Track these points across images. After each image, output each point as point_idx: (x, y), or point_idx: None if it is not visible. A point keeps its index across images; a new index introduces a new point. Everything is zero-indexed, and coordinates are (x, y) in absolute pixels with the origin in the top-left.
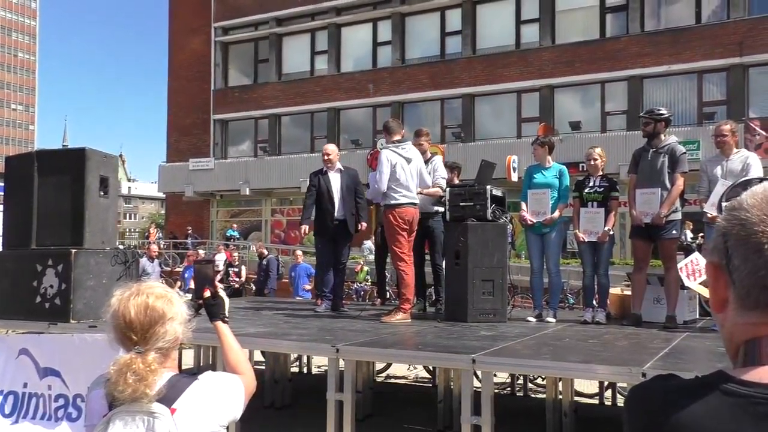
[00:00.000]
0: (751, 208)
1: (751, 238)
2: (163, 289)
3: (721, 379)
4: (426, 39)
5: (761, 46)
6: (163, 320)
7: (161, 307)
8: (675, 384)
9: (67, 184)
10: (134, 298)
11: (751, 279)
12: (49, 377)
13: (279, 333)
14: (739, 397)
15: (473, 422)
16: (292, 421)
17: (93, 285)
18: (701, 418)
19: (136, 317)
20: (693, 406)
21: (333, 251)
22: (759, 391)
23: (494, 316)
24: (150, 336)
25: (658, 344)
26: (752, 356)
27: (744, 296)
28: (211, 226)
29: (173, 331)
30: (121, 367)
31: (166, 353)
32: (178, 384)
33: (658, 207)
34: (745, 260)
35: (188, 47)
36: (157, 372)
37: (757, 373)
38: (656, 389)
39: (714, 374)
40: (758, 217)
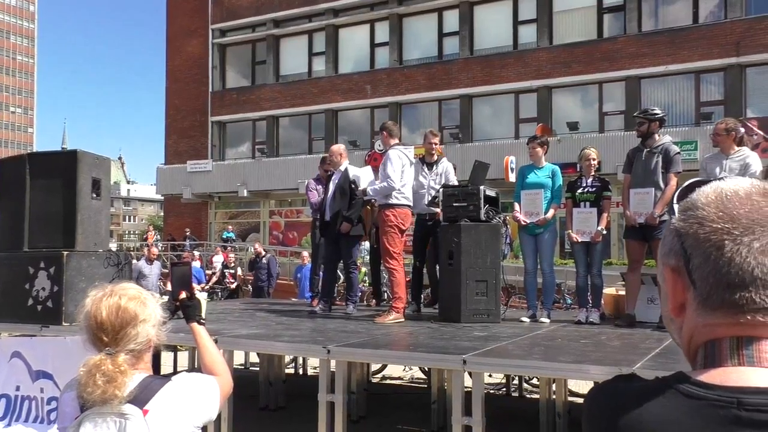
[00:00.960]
0: (707, 207)
1: (711, 236)
2: (137, 291)
3: (681, 381)
4: (423, 40)
5: (759, 46)
6: (134, 322)
7: (133, 308)
8: (635, 385)
9: (59, 187)
10: (107, 299)
11: (714, 278)
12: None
13: (271, 334)
14: (699, 399)
15: (464, 423)
16: (285, 423)
17: (85, 287)
18: (660, 420)
19: (107, 318)
20: (652, 408)
21: (337, 253)
22: (719, 393)
23: (488, 317)
24: (121, 338)
25: (650, 344)
26: (712, 358)
27: (705, 297)
28: (209, 228)
29: (145, 333)
30: (90, 368)
31: (138, 355)
32: (150, 385)
33: (652, 207)
34: (706, 259)
35: (186, 50)
36: (127, 373)
37: (717, 375)
38: (616, 390)
39: (674, 375)
40: (716, 215)
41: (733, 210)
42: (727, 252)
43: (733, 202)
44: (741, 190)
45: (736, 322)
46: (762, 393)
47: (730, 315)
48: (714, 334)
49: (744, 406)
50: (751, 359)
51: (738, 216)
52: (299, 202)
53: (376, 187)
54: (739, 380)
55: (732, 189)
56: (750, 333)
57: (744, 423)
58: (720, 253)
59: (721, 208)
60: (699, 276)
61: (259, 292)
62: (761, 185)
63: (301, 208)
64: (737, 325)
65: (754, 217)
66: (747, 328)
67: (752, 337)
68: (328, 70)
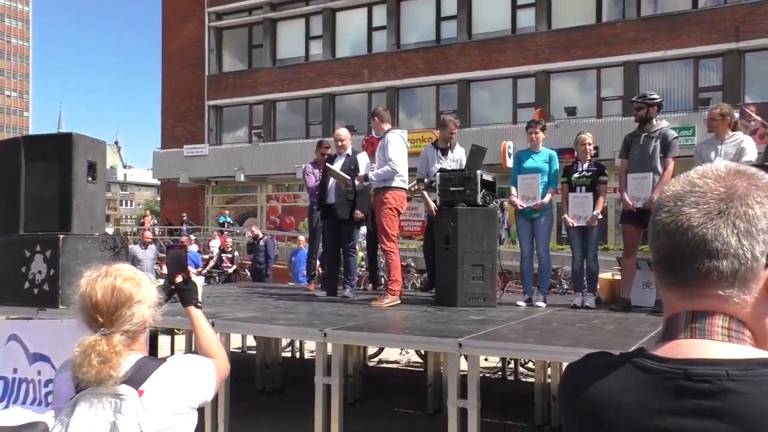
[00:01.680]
0: (671, 185)
1: (656, 208)
2: (132, 272)
3: (638, 355)
4: (421, 24)
5: (757, 32)
6: (130, 303)
7: (128, 289)
8: (598, 362)
9: (54, 170)
10: (101, 279)
11: (653, 248)
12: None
13: (268, 318)
14: (651, 372)
15: (460, 405)
16: (281, 406)
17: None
18: (616, 392)
19: (102, 299)
20: (610, 382)
21: (338, 237)
22: (669, 365)
23: (484, 301)
24: (116, 318)
25: (644, 328)
26: (669, 332)
27: (653, 270)
28: (206, 212)
29: (140, 313)
30: (85, 348)
31: (133, 336)
32: (146, 366)
33: (649, 191)
34: (654, 234)
35: (182, 33)
36: (121, 354)
37: (670, 348)
38: (582, 367)
39: (634, 351)
40: (667, 197)
41: (683, 183)
42: (658, 230)
43: (691, 176)
44: (703, 168)
45: (687, 294)
46: (708, 364)
47: (677, 284)
48: (673, 309)
49: (690, 377)
50: (702, 332)
51: (686, 187)
52: (296, 186)
53: (379, 171)
54: (689, 352)
55: (698, 168)
56: (704, 307)
57: (689, 393)
58: (654, 232)
59: (674, 189)
60: (651, 246)
61: (257, 275)
62: (726, 165)
63: (299, 193)
64: (689, 297)
65: (701, 186)
66: (700, 302)
67: (705, 311)
68: (325, 54)
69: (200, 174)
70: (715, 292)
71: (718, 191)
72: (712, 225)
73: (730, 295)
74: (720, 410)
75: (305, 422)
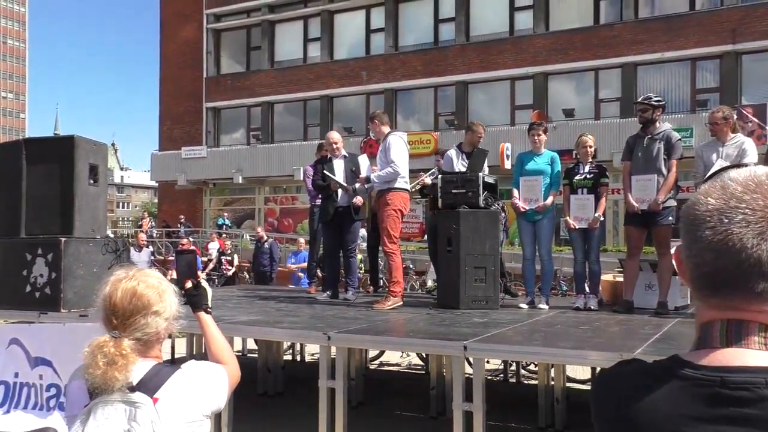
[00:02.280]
0: (700, 192)
1: (687, 219)
2: (158, 280)
3: (675, 363)
4: (419, 26)
5: (754, 34)
6: (146, 311)
7: (148, 297)
8: (632, 369)
9: (56, 173)
10: (125, 282)
11: (687, 262)
12: (40, 367)
13: (271, 321)
14: (687, 379)
15: (465, 408)
16: (284, 409)
17: (83, 274)
18: (653, 400)
19: (120, 302)
20: (646, 390)
21: (340, 238)
22: (704, 373)
23: (486, 303)
24: (129, 324)
25: (649, 330)
26: (704, 339)
27: (688, 280)
28: (204, 214)
29: (155, 324)
30: (93, 348)
31: (146, 344)
32: (160, 373)
33: (654, 193)
34: (683, 242)
35: (180, 34)
36: (128, 358)
37: (705, 355)
38: (616, 374)
39: (669, 358)
40: (699, 200)
41: (724, 196)
42: (699, 237)
43: (732, 187)
44: (741, 177)
45: (726, 306)
46: (745, 372)
47: (721, 299)
48: (708, 316)
49: (727, 385)
50: (739, 341)
51: (731, 202)
52: (294, 188)
53: (381, 173)
54: (724, 360)
55: (733, 176)
56: (739, 317)
57: (726, 401)
58: (693, 238)
59: (713, 193)
60: (685, 259)
61: (261, 278)
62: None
63: (297, 195)
64: (728, 308)
65: (748, 202)
66: (737, 312)
67: (741, 321)
68: (323, 56)
69: (198, 176)
70: (759, 308)
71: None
72: (766, 246)
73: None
74: (757, 418)
75: (309, 425)
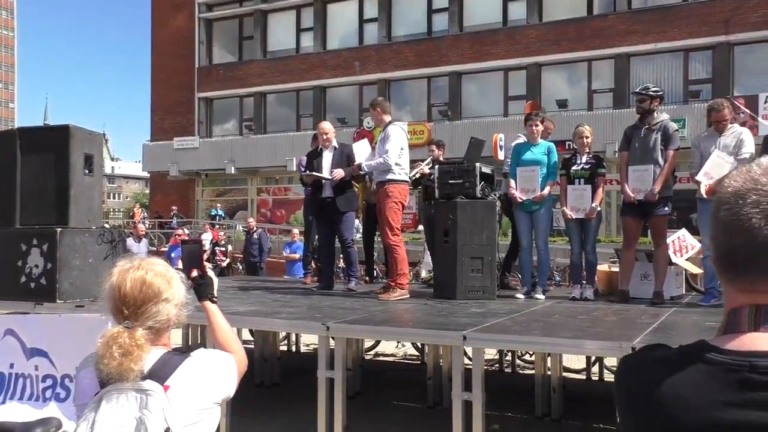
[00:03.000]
0: (728, 176)
1: (716, 203)
2: (164, 268)
3: (700, 348)
4: (412, 16)
5: (746, 25)
6: (157, 299)
7: (158, 285)
8: (658, 354)
9: (51, 162)
10: (133, 271)
11: (712, 245)
12: (36, 357)
13: (268, 311)
14: (715, 364)
15: (464, 398)
16: (282, 400)
17: (79, 264)
18: (681, 385)
19: (130, 291)
20: (673, 374)
21: (331, 229)
22: (733, 358)
23: (483, 294)
24: (141, 313)
25: (646, 320)
26: (732, 325)
27: (714, 264)
28: (196, 205)
29: (166, 311)
30: (107, 340)
31: (157, 332)
32: (170, 361)
33: (651, 184)
34: (715, 231)
35: (171, 24)
36: (143, 348)
37: (733, 340)
38: (641, 359)
39: (696, 343)
40: (724, 184)
41: (744, 178)
42: (724, 224)
43: (754, 171)
44: (765, 161)
45: (752, 290)
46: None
47: (744, 282)
48: (736, 302)
49: (756, 369)
50: (767, 326)
51: (748, 184)
52: (287, 179)
53: (372, 162)
54: (753, 345)
55: (760, 160)
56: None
57: (755, 385)
58: (719, 225)
59: (741, 177)
60: (713, 245)
61: (251, 269)
62: None
63: (289, 186)
64: (754, 292)
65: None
66: (764, 297)
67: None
68: (316, 46)
69: (190, 167)
70: None
71: None
72: None
73: None
74: None
75: (307, 415)
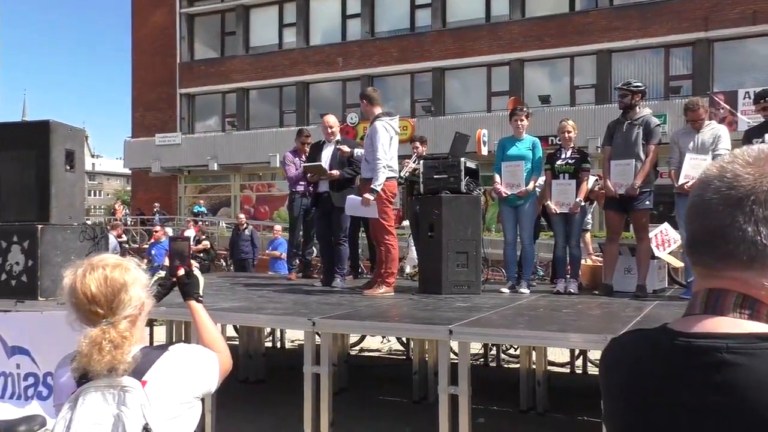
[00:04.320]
0: (704, 172)
1: (690, 194)
2: (116, 259)
3: (662, 331)
4: (395, 12)
5: (725, 21)
6: (125, 287)
7: (119, 275)
8: (631, 337)
9: (31, 159)
10: (90, 273)
11: (686, 234)
12: (17, 356)
13: (254, 307)
14: (665, 346)
15: (450, 392)
16: (267, 396)
17: (61, 261)
18: (648, 368)
19: (98, 290)
20: (638, 357)
21: (329, 225)
22: (681, 339)
23: (468, 288)
24: (116, 306)
25: (630, 313)
26: (689, 308)
27: (685, 250)
28: (179, 202)
29: (137, 296)
30: (94, 338)
31: (134, 321)
32: (147, 356)
33: (632, 178)
34: (685, 216)
35: (152, 19)
36: (130, 339)
37: (686, 322)
38: (618, 343)
39: (659, 327)
40: (700, 180)
41: (714, 171)
42: (689, 208)
43: (722, 164)
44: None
45: (707, 275)
46: (711, 337)
47: (702, 267)
48: (697, 286)
49: (692, 350)
50: (714, 309)
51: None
52: (270, 175)
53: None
54: (699, 327)
55: (744, 148)
56: (721, 285)
57: (694, 365)
58: (686, 209)
59: (710, 171)
60: (685, 230)
61: (241, 266)
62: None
63: (273, 182)
64: (709, 277)
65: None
66: (717, 281)
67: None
68: (299, 41)
69: (173, 163)
70: (732, 274)
71: (742, 177)
72: (729, 211)
73: (748, 277)
74: (718, 382)
75: (293, 411)
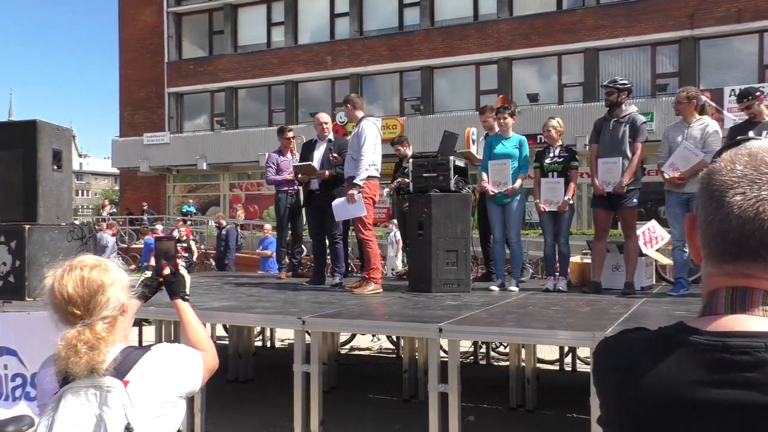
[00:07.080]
0: (723, 159)
1: (711, 185)
2: (95, 260)
3: (677, 329)
4: (384, 10)
5: (711, 19)
6: (102, 289)
7: (97, 276)
8: (636, 336)
9: (18, 158)
10: (68, 273)
11: (706, 228)
12: (5, 356)
13: (243, 306)
14: (689, 345)
15: (440, 390)
16: (257, 395)
17: (49, 261)
18: (655, 366)
19: (74, 291)
20: (648, 356)
21: (321, 224)
22: (707, 338)
23: (458, 286)
24: (93, 307)
25: (618, 310)
26: (710, 306)
27: (704, 246)
28: (167, 201)
29: (116, 297)
30: (69, 340)
31: (113, 322)
32: (130, 356)
33: (619, 176)
34: (704, 208)
35: (139, 18)
36: (107, 341)
37: (709, 321)
38: (619, 342)
39: (674, 325)
40: (724, 167)
41: (753, 162)
42: (718, 201)
43: (761, 155)
44: (752, 149)
45: (739, 273)
46: (747, 336)
47: (736, 266)
48: (715, 284)
49: (729, 349)
50: (743, 307)
51: (762, 168)
52: (259, 174)
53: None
54: (728, 326)
55: (759, 144)
56: (746, 284)
57: (728, 365)
58: (711, 202)
59: (735, 160)
60: (699, 225)
61: (219, 265)
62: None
63: (262, 181)
64: (739, 276)
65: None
66: (745, 280)
67: (746, 288)
68: (287, 40)
69: (161, 162)
70: (759, 273)
71: None
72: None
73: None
74: (757, 381)
75: (282, 410)
